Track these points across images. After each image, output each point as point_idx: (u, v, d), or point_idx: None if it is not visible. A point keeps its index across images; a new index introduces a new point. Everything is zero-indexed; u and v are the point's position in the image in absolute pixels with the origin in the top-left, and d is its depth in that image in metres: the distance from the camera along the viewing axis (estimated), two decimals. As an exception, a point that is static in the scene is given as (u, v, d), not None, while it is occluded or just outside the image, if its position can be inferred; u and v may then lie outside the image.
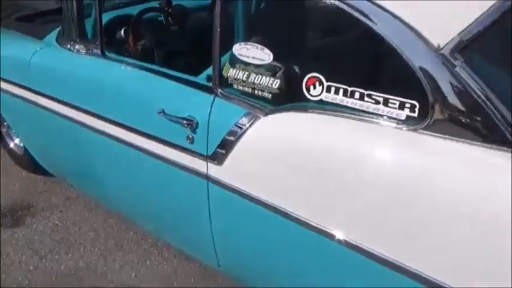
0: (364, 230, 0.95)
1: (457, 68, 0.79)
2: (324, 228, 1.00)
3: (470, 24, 0.78)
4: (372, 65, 0.95)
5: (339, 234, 0.97)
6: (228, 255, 1.38)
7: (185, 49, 1.91)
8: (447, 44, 0.79)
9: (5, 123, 2.43)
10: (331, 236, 0.98)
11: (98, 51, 1.57)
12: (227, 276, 1.57)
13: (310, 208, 1.04)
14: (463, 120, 0.80)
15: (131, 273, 1.80)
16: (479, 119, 0.78)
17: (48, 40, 1.85)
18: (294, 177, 1.06)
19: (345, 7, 0.92)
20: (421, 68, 0.83)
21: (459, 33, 0.79)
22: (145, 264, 1.84)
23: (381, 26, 0.88)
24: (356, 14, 0.91)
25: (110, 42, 1.70)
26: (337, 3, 0.93)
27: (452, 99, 0.80)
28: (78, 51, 1.65)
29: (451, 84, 0.80)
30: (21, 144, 2.44)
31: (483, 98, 0.77)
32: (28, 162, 2.42)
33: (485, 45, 0.81)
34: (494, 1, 0.78)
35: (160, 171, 1.37)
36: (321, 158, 1.01)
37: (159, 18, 2.01)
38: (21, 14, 2.58)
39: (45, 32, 1.96)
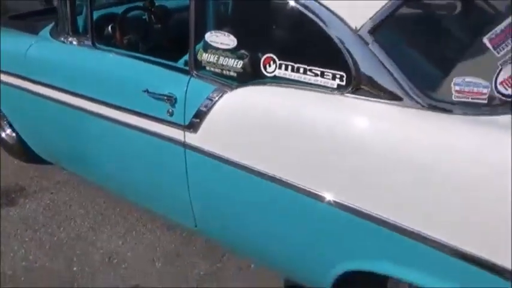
0: (322, 179, 1.18)
1: (369, 46, 1.06)
2: (286, 180, 1.23)
3: (379, 11, 1.05)
4: (311, 46, 1.21)
5: (305, 187, 1.19)
6: (204, 215, 1.62)
7: (165, 43, 2.15)
8: (362, 26, 1.06)
9: (0, 113, 2.62)
10: (295, 188, 1.21)
11: (89, 43, 1.80)
12: (203, 236, 1.81)
13: (272, 164, 1.28)
14: (375, 85, 1.06)
15: (118, 242, 2.02)
16: (383, 83, 1.05)
17: (42, 34, 2.07)
18: (257, 139, 1.30)
19: (292, 3, 1.19)
20: (345, 47, 1.09)
21: (370, 18, 1.05)
22: (131, 235, 2.06)
23: (317, 16, 1.14)
24: (299, 7, 1.17)
25: (99, 37, 1.92)
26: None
27: (366, 69, 1.07)
28: (71, 43, 1.88)
29: (365, 58, 1.07)
30: (13, 134, 2.63)
31: (388, 67, 1.04)
32: (20, 150, 2.61)
33: (391, 26, 1.08)
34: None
35: (143, 143, 1.60)
36: (278, 121, 1.26)
37: (144, 17, 2.26)
38: (14, 14, 2.78)
39: (38, 29, 2.17)
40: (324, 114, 1.17)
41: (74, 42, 1.87)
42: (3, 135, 2.74)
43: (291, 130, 1.22)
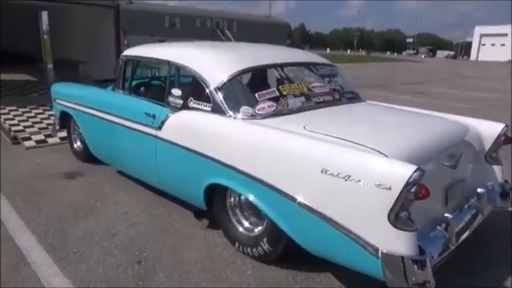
0: (199, 144, 2.88)
1: (218, 94, 2.82)
2: (187, 147, 2.93)
3: (223, 79, 2.84)
4: (201, 94, 2.97)
5: (192, 148, 2.90)
6: (163, 176, 3.31)
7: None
8: (216, 87, 2.84)
9: (76, 132, 4.62)
10: (188, 150, 2.92)
11: (128, 93, 3.73)
12: (162, 188, 3.46)
13: (189, 141, 2.98)
14: (219, 109, 2.80)
15: (121, 194, 3.74)
16: (221, 108, 2.79)
17: (108, 88, 4.06)
18: (184, 132, 3.03)
19: (196, 78, 3.00)
20: (211, 94, 2.87)
21: (220, 82, 2.84)
22: (130, 191, 3.77)
23: (204, 83, 2.94)
24: (198, 80, 2.98)
25: (136, 92, 3.84)
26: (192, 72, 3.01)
27: (217, 103, 2.83)
28: (118, 92, 3.82)
29: (217, 99, 2.83)
30: (81, 145, 4.59)
31: (222, 102, 2.80)
32: (84, 155, 4.57)
33: (228, 85, 2.84)
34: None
35: (140, 138, 3.38)
36: (192, 125, 3.00)
37: (163, 85, 4.21)
38: (97, 79, 4.94)
39: (108, 86, 4.19)
40: (205, 120, 2.90)
41: (121, 92, 3.81)
42: (75, 146, 4.74)
43: (195, 126, 2.96)
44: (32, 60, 13.11)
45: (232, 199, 2.88)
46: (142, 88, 3.94)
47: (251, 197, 2.58)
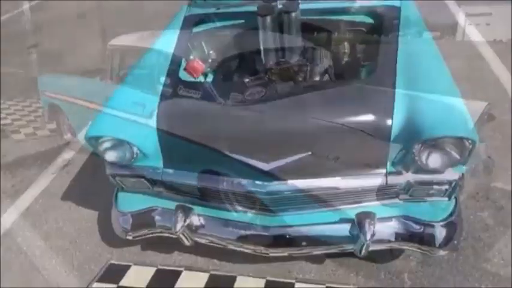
0: None
1: (207, 80, 2.86)
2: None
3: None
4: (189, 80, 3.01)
5: None
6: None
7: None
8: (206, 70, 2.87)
9: (66, 123, 4.61)
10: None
11: (116, 82, 3.73)
12: None
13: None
14: (207, 95, 2.84)
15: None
16: (211, 95, 2.83)
17: (96, 79, 4.06)
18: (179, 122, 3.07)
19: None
20: (200, 79, 2.90)
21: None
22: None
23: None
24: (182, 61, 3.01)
25: (125, 81, 3.83)
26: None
27: (206, 89, 2.86)
28: (107, 82, 3.82)
29: (205, 85, 2.86)
30: (71, 137, 4.59)
31: (213, 90, 2.83)
32: (75, 147, 4.55)
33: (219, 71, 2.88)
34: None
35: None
36: (186, 114, 3.03)
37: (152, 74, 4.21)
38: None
39: (95, 77, 4.18)
40: (195, 107, 2.94)
41: (109, 82, 3.81)
42: (65, 137, 4.74)
43: (185, 114, 2.99)
44: (15, 51, 12.88)
45: (225, 184, 2.94)
46: (131, 77, 3.95)
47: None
